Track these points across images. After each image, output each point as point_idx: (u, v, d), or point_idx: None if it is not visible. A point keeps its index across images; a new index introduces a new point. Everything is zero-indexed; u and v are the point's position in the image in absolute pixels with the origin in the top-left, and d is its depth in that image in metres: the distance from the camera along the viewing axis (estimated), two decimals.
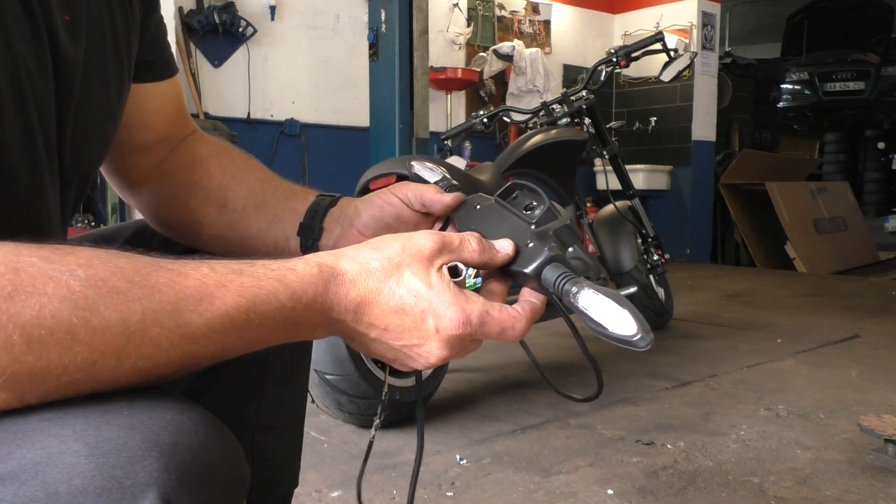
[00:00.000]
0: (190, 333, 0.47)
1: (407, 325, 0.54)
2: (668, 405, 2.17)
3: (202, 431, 0.45)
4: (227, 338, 0.48)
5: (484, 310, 0.55)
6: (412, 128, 3.90)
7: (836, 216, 7.37)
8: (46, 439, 0.42)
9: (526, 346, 0.77)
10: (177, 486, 0.41)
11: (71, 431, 0.42)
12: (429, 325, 0.54)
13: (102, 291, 0.44)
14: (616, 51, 2.95)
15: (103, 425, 0.43)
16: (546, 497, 1.53)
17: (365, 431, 1.94)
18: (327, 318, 0.53)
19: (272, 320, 0.50)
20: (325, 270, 0.52)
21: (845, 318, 3.61)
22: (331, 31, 5.28)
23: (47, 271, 0.43)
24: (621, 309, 0.52)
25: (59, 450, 0.41)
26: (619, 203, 3.17)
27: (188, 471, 0.42)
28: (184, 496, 0.42)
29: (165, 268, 0.47)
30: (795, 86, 10.20)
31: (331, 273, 0.52)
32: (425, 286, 0.54)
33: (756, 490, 1.56)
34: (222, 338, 0.48)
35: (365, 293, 0.53)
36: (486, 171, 2.41)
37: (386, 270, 0.53)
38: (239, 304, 0.48)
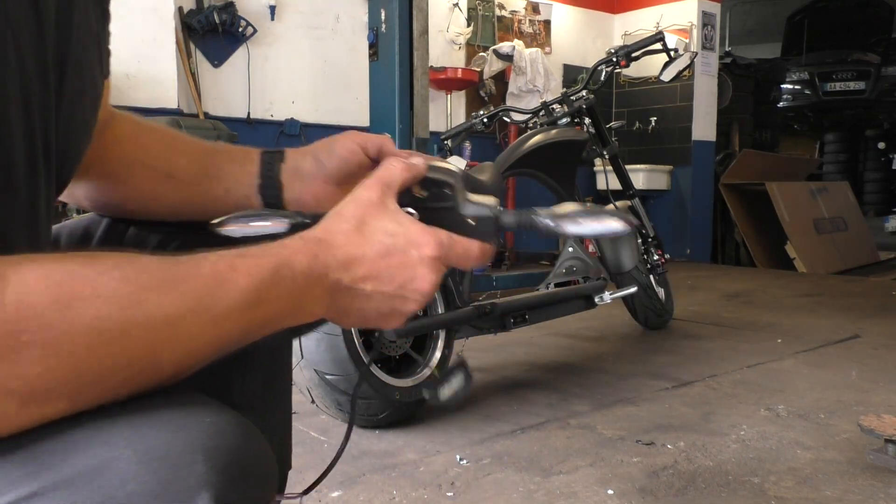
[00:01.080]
0: (215, 317, 0.49)
1: (394, 264, 0.58)
2: (668, 405, 2.17)
3: (239, 433, 0.47)
4: (246, 317, 0.51)
5: (447, 234, 0.61)
6: (412, 128, 3.90)
7: (836, 216, 7.37)
8: (98, 447, 0.44)
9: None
10: (225, 486, 0.44)
11: (121, 439, 0.44)
12: (412, 256, 0.58)
13: (140, 288, 0.46)
14: (616, 51, 2.95)
15: (150, 431, 0.45)
16: (546, 497, 1.53)
17: (365, 431, 1.94)
18: (324, 284, 0.56)
19: (278, 295, 0.53)
20: (309, 240, 0.56)
21: (845, 318, 3.61)
22: (331, 31, 5.27)
23: (90, 276, 0.45)
24: (601, 222, 0.62)
25: (111, 456, 0.43)
26: (619, 203, 3.17)
27: (233, 471, 0.45)
28: (232, 495, 0.44)
29: (179, 261, 0.50)
30: (795, 86, 10.20)
31: (314, 240, 0.56)
32: (394, 224, 0.59)
33: (756, 490, 1.56)
34: (242, 317, 0.51)
35: (348, 251, 0.57)
36: (486, 171, 2.41)
37: (356, 227, 0.58)
38: (250, 283, 0.51)
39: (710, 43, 6.60)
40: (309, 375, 1.82)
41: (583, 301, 2.70)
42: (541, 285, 2.76)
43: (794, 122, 11.05)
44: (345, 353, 1.80)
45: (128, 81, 4.30)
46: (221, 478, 0.44)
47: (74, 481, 0.42)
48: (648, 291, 3.12)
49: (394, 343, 1.98)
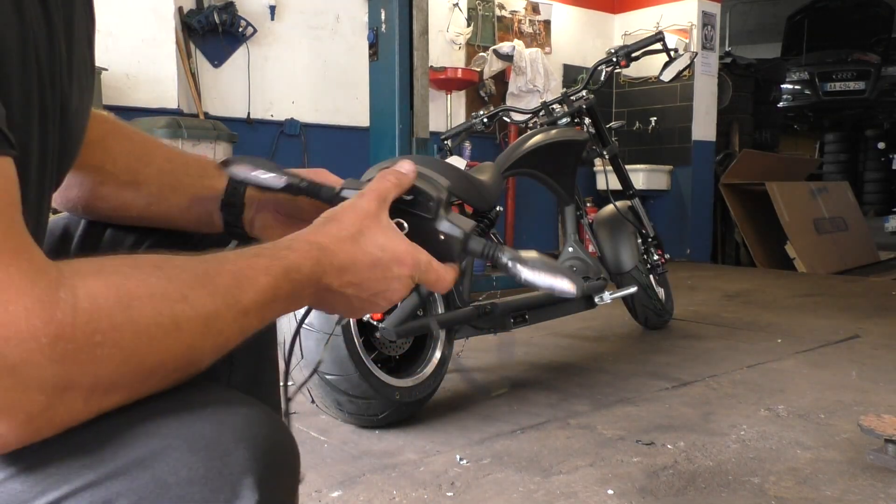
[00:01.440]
0: (243, 310, 0.55)
1: (377, 276, 0.65)
2: (668, 405, 2.17)
3: (271, 422, 0.52)
4: (263, 311, 0.57)
5: (428, 259, 0.68)
6: (412, 128, 3.90)
7: (836, 216, 7.37)
8: (150, 438, 0.48)
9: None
10: (265, 471, 0.49)
11: (171, 430, 0.49)
12: (393, 271, 0.66)
13: (184, 286, 0.51)
14: (616, 51, 2.95)
15: (197, 423, 0.49)
16: (546, 497, 1.53)
17: (365, 431, 1.94)
18: (318, 284, 0.62)
19: (287, 292, 0.59)
20: (314, 246, 0.62)
21: (845, 318, 3.61)
22: (331, 31, 5.27)
23: (141, 278, 0.49)
24: (555, 278, 0.67)
25: (163, 446, 0.48)
26: (619, 203, 3.17)
27: (271, 457, 0.50)
28: (272, 479, 0.49)
29: (206, 259, 0.55)
30: (795, 86, 10.21)
31: (318, 246, 0.62)
32: (385, 238, 0.65)
33: (756, 490, 1.56)
34: (260, 312, 0.57)
35: (344, 259, 0.63)
36: (486, 171, 2.41)
37: (353, 237, 0.64)
38: (268, 282, 0.57)
39: (710, 43, 6.60)
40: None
41: (583, 301, 2.70)
42: None
43: (794, 122, 11.05)
44: (345, 352, 1.80)
45: (128, 81, 4.30)
46: (261, 464, 0.49)
47: (129, 470, 0.46)
48: (648, 291, 3.12)
49: (394, 343, 1.98)
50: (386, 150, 3.90)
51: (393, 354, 2.02)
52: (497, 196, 2.35)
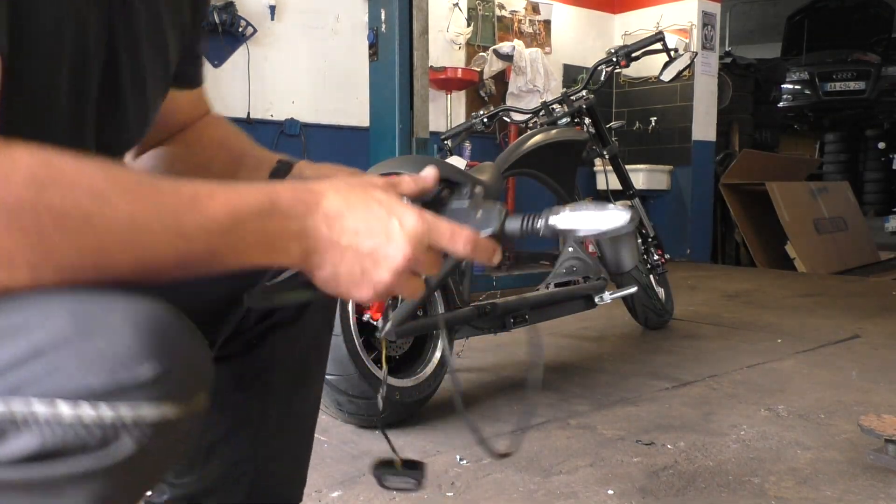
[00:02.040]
0: (185, 232, 0.53)
1: (374, 226, 0.60)
2: (668, 405, 2.17)
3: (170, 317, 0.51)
4: (215, 239, 0.54)
5: (433, 216, 0.63)
6: (412, 128, 3.90)
7: (836, 216, 7.37)
8: (32, 308, 0.48)
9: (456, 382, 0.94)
10: (151, 354, 0.47)
11: (57, 305, 0.48)
12: (394, 224, 0.60)
13: (117, 189, 0.51)
14: (616, 51, 2.95)
15: (87, 303, 0.49)
16: (546, 497, 1.53)
17: (365, 431, 1.94)
18: (301, 224, 0.58)
19: (253, 225, 0.56)
20: (298, 181, 0.61)
21: (845, 318, 3.61)
22: (331, 31, 5.27)
23: (74, 167, 0.50)
24: (598, 212, 0.64)
25: (44, 316, 0.47)
26: (619, 203, 3.17)
27: (162, 344, 0.48)
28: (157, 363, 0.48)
29: (166, 180, 0.55)
30: (795, 86, 10.20)
31: (305, 188, 0.60)
32: (384, 196, 0.62)
33: (756, 490, 1.56)
34: (211, 238, 0.54)
35: (334, 203, 0.60)
36: (486, 171, 2.41)
37: (348, 188, 0.61)
38: (226, 209, 0.55)
39: (710, 43, 6.60)
40: None
41: (583, 301, 2.69)
42: (541, 285, 2.76)
43: (794, 122, 11.04)
44: (345, 352, 1.80)
45: None
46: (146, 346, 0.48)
47: (3, 334, 0.46)
48: (648, 291, 3.11)
49: (394, 343, 1.98)
50: (386, 150, 3.90)
51: (393, 354, 2.02)
52: (497, 196, 2.35)
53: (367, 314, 1.90)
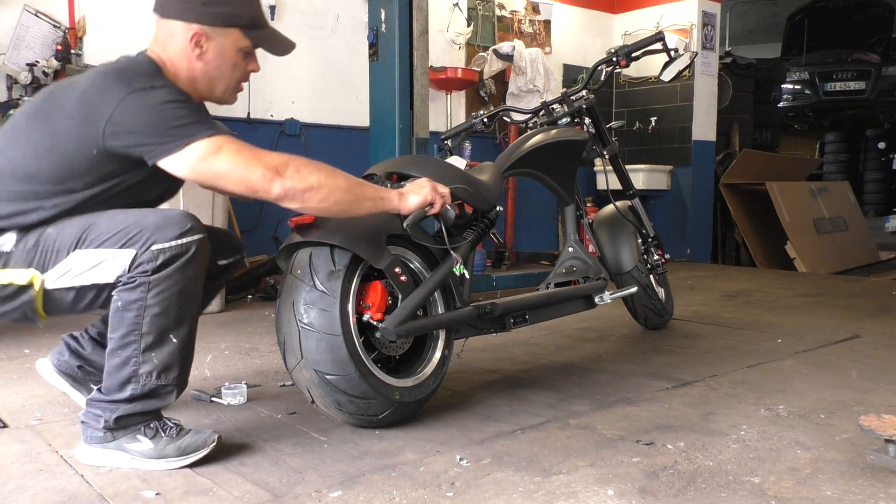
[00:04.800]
0: (368, 199, 1.77)
1: (418, 189, 1.89)
2: (668, 405, 2.17)
3: (187, 215, 1.68)
4: (376, 201, 1.79)
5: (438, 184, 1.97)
6: (412, 128, 3.90)
7: (836, 216, 7.37)
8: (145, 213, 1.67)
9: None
10: (186, 222, 1.64)
11: (151, 213, 1.68)
12: (419, 181, 1.92)
13: (351, 181, 1.73)
14: (616, 51, 2.94)
15: (160, 212, 1.69)
16: (546, 497, 1.53)
17: (365, 431, 1.94)
18: (398, 195, 1.86)
19: (385, 199, 1.82)
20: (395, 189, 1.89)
21: (845, 318, 3.61)
22: (331, 31, 5.27)
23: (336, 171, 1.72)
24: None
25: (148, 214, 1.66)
26: (619, 203, 3.17)
27: (188, 219, 1.66)
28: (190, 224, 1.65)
29: (361, 183, 1.78)
30: (796, 85, 10.21)
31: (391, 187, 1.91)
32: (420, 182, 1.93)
33: (756, 490, 1.56)
34: (374, 202, 1.78)
35: (405, 189, 1.89)
36: (486, 171, 2.41)
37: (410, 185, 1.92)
38: (375, 195, 1.79)
39: (710, 43, 6.60)
40: (309, 375, 1.82)
41: (583, 301, 2.70)
42: (541, 285, 2.76)
43: (794, 122, 11.05)
44: (345, 352, 1.80)
45: None
46: (186, 220, 1.64)
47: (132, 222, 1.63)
48: (648, 291, 3.11)
49: (394, 343, 1.98)
50: (386, 150, 3.90)
51: (393, 354, 2.02)
52: (497, 196, 2.35)
53: (367, 314, 1.90)
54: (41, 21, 4.09)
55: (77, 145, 1.61)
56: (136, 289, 1.59)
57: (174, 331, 1.64)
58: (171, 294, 1.61)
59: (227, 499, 1.53)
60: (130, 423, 1.67)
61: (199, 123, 1.61)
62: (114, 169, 1.65)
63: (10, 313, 1.66)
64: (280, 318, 1.86)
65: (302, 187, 1.63)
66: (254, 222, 4.83)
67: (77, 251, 1.61)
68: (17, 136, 1.66)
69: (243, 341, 3.08)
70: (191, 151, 1.58)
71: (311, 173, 1.64)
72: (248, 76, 1.87)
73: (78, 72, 3.86)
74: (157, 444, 1.67)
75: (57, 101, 1.65)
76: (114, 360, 1.64)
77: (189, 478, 1.63)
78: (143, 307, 1.60)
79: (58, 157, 1.62)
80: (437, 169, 2.11)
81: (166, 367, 1.65)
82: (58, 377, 2.01)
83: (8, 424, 2.01)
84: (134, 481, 1.61)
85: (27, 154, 1.63)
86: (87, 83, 1.64)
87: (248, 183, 1.60)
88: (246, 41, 1.78)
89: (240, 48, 1.78)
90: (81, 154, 1.61)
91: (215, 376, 2.51)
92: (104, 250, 1.61)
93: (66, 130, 1.61)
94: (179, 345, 1.65)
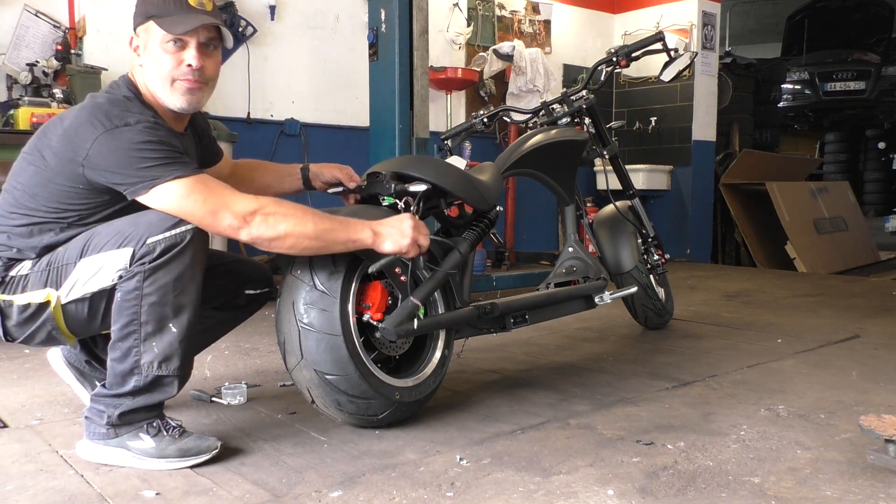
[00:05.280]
0: (340, 246, 1.76)
1: (396, 226, 1.83)
2: (668, 405, 2.17)
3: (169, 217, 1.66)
4: (348, 243, 1.76)
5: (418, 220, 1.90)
6: (412, 128, 3.90)
7: (836, 216, 7.37)
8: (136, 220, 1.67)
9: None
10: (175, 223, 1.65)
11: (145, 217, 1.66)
12: (403, 218, 1.86)
13: (319, 220, 1.71)
14: (616, 51, 2.94)
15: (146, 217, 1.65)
16: (546, 497, 1.53)
17: (365, 431, 1.94)
18: (376, 232, 1.80)
19: (359, 236, 1.78)
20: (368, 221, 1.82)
21: (845, 318, 3.61)
22: (331, 31, 5.27)
23: (305, 211, 1.72)
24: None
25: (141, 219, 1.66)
26: (619, 203, 3.17)
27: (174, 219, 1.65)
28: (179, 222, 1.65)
29: (325, 216, 1.74)
30: (796, 86, 10.20)
31: (371, 222, 1.82)
32: (394, 218, 1.88)
33: (756, 490, 1.56)
34: (347, 242, 1.75)
35: (379, 224, 1.82)
36: (486, 171, 2.40)
37: (388, 218, 1.87)
38: (346, 239, 1.76)
39: (710, 43, 6.60)
40: (309, 375, 1.82)
41: (583, 301, 2.69)
42: (541, 285, 2.76)
43: (794, 122, 11.05)
44: (345, 352, 1.80)
45: None
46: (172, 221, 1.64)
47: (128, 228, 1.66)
48: (648, 291, 3.11)
49: (394, 343, 1.98)
50: (386, 150, 3.90)
51: (393, 354, 2.02)
52: (497, 196, 2.35)
53: (367, 314, 1.90)
54: (41, 21, 4.09)
55: (65, 180, 1.67)
56: (132, 279, 1.61)
57: (173, 320, 1.64)
58: (167, 282, 1.62)
59: (227, 499, 1.53)
60: (134, 420, 1.68)
61: (166, 165, 1.62)
62: (105, 199, 1.71)
63: (37, 335, 1.72)
64: (280, 318, 1.86)
65: (269, 236, 1.65)
66: None
67: (82, 260, 1.66)
68: (19, 174, 1.74)
69: (243, 341, 3.08)
70: (156, 194, 1.61)
71: (279, 222, 1.65)
72: (186, 68, 1.73)
73: (78, 72, 3.87)
74: (158, 444, 1.67)
75: (47, 136, 1.71)
76: (115, 353, 1.65)
77: (189, 478, 1.63)
78: (140, 296, 1.61)
79: (49, 193, 1.69)
80: (436, 169, 2.11)
81: (167, 357, 1.65)
82: (66, 369, 2.05)
83: (8, 424, 2.02)
84: (134, 481, 1.61)
85: (25, 190, 1.71)
86: (69, 120, 1.69)
87: (215, 228, 1.65)
88: (159, 30, 1.71)
89: (161, 41, 1.71)
90: (71, 189, 1.68)
91: (215, 376, 2.51)
92: (105, 254, 1.64)
93: (53, 167, 1.68)
94: (179, 335, 1.65)
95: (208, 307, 2.05)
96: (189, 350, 1.71)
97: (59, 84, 3.80)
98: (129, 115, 1.66)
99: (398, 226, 1.81)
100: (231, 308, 2.08)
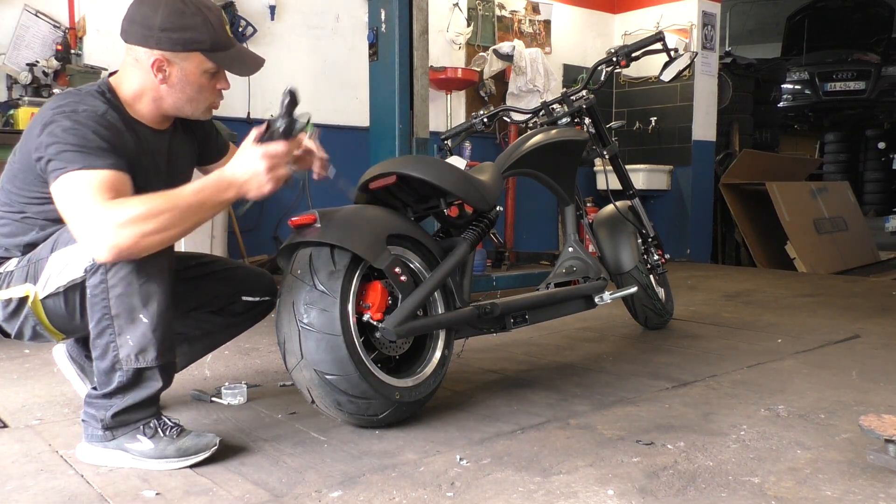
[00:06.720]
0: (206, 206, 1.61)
1: (249, 164, 1.62)
2: (668, 405, 2.17)
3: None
4: (217, 204, 1.62)
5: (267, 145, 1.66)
6: (412, 128, 3.90)
7: (836, 216, 7.37)
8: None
9: None
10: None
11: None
12: (255, 159, 1.63)
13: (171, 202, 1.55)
14: (616, 51, 2.94)
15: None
16: (546, 497, 1.53)
17: (365, 431, 1.94)
18: (234, 183, 1.62)
19: (224, 193, 1.62)
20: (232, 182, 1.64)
21: (845, 318, 3.61)
22: (331, 31, 5.27)
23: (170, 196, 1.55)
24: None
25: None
26: (619, 203, 3.17)
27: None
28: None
29: (186, 196, 1.57)
30: (796, 85, 10.21)
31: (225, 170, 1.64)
32: (249, 150, 1.65)
33: (756, 490, 1.56)
34: (216, 205, 1.62)
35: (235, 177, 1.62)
36: (486, 171, 2.41)
37: (239, 156, 1.65)
38: (216, 208, 1.64)
39: (710, 43, 6.60)
40: (309, 375, 1.82)
41: (583, 301, 2.69)
42: (541, 285, 2.76)
43: (794, 122, 11.05)
44: (345, 352, 1.80)
45: None
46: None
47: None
48: (648, 291, 3.11)
49: (394, 343, 1.98)
50: (386, 150, 3.90)
51: (393, 354, 2.02)
52: (497, 196, 2.35)
53: (367, 314, 1.90)
54: (41, 21, 4.10)
55: (28, 175, 1.67)
56: (97, 273, 1.60)
57: (142, 310, 1.60)
58: (129, 271, 1.58)
59: (227, 499, 1.53)
60: (129, 421, 1.67)
61: (80, 153, 1.55)
62: None
63: (24, 331, 1.74)
64: (280, 318, 1.86)
65: (136, 252, 1.54)
66: (254, 223, 4.83)
67: (53, 254, 1.67)
68: (4, 174, 1.76)
69: (243, 341, 3.08)
70: (60, 182, 1.55)
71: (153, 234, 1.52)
72: (218, 95, 1.83)
73: (78, 72, 3.87)
74: (157, 444, 1.67)
75: (23, 137, 1.71)
76: (97, 351, 1.64)
77: (189, 478, 1.63)
78: (106, 289, 1.59)
79: (20, 191, 1.70)
80: (436, 169, 2.11)
81: (142, 349, 1.62)
82: (68, 363, 2.05)
83: (8, 424, 2.02)
84: (134, 481, 1.61)
85: (6, 189, 1.73)
86: (34, 117, 1.68)
87: (78, 236, 1.56)
88: (209, 64, 1.74)
89: (203, 71, 1.74)
90: (36, 185, 1.66)
91: (215, 376, 2.51)
92: (73, 247, 1.63)
93: (20, 163, 1.68)
94: (151, 324, 1.61)
95: (205, 311, 2.05)
96: (166, 339, 1.65)
97: (59, 84, 3.80)
98: (81, 105, 1.63)
99: (251, 168, 1.61)
100: (228, 314, 2.07)
